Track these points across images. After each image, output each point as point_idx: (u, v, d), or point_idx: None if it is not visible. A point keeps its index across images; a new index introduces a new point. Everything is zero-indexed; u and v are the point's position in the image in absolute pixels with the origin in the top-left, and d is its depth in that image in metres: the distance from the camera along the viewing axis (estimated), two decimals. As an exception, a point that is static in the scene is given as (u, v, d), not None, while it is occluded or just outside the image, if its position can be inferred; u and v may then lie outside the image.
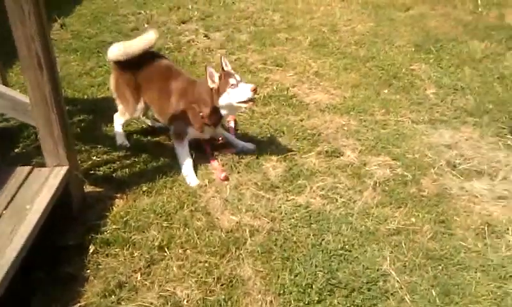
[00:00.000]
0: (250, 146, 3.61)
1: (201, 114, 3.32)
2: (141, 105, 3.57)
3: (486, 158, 3.55)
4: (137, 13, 6.39)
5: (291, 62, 5.14)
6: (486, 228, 2.87)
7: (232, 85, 3.18)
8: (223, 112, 3.33)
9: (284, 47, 5.52)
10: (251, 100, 3.21)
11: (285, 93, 4.51)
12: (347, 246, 2.74)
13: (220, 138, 3.63)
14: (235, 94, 3.20)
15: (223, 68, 3.31)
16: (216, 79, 3.23)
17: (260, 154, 3.57)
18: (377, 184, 3.27)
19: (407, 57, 5.27)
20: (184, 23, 6.14)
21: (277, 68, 5.02)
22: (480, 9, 6.49)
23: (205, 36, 5.79)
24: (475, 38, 5.65)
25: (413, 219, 2.95)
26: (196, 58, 5.22)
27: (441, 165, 3.48)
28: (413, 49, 5.46)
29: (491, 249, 2.73)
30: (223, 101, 3.24)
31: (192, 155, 3.37)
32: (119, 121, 3.66)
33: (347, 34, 5.89)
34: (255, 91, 3.15)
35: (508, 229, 2.86)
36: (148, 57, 3.52)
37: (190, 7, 6.59)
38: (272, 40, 5.66)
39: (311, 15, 6.45)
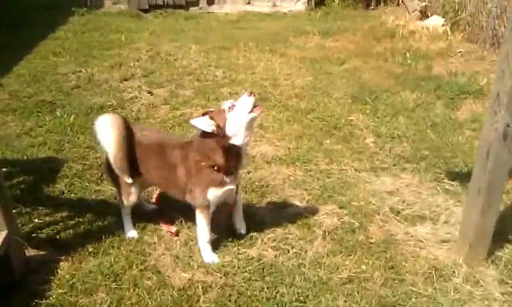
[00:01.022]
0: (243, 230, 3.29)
1: (215, 168, 2.86)
2: (135, 189, 3.15)
3: (427, 203, 3.70)
4: (77, 71, 6.36)
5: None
6: (433, 272, 2.94)
7: (229, 108, 2.73)
8: (238, 141, 2.77)
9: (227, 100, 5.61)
10: (256, 106, 2.75)
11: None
12: (301, 298, 2.73)
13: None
14: (239, 111, 2.72)
15: (204, 113, 2.86)
16: (208, 122, 2.74)
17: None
18: (327, 233, 3.32)
19: (345, 108, 5.49)
20: (126, 80, 6.16)
21: (222, 122, 5.07)
22: (409, 62, 6.94)
23: (149, 92, 5.81)
24: (406, 89, 6.00)
25: (363, 267, 2.99)
26: (140, 114, 5.22)
27: (386, 211, 3.59)
28: (350, 100, 5.70)
29: (440, 293, 2.80)
30: (230, 129, 2.73)
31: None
32: (123, 211, 3.26)
33: (288, 87, 6.10)
34: (252, 94, 2.74)
35: (454, 272, 2.95)
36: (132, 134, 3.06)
37: (132, 64, 6.64)
38: (216, 95, 5.76)
39: (252, 70, 6.65)
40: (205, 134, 2.80)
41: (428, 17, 8.77)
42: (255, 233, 3.29)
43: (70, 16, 9.12)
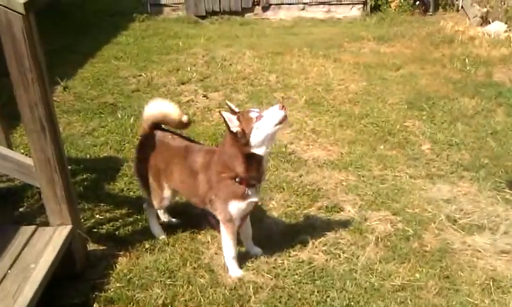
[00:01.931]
0: (257, 249, 3.22)
1: (237, 179, 2.79)
2: (167, 193, 3.17)
3: (486, 212, 3.59)
4: (137, 75, 6.58)
5: (288, 120, 5.24)
6: (491, 283, 2.86)
7: (256, 117, 2.66)
8: (260, 151, 2.72)
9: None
10: (284, 118, 2.69)
11: (283, 149, 4.59)
12: (352, 303, 2.73)
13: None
14: (266, 122, 2.66)
15: (233, 111, 2.79)
16: (236, 122, 2.69)
17: (261, 210, 3.60)
18: (379, 239, 3.29)
19: (400, 114, 5.40)
20: (183, 84, 6.31)
21: (275, 126, 5.12)
22: (468, 68, 6.71)
23: (204, 96, 5.94)
24: (465, 95, 5.82)
25: (417, 275, 2.95)
26: (195, 117, 5.34)
27: (442, 219, 3.51)
28: (406, 107, 5.60)
29: (498, 305, 2.72)
30: (255, 138, 2.67)
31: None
32: (149, 212, 3.33)
33: (341, 93, 6.05)
34: (283, 108, 2.68)
35: (514, 284, 2.86)
36: (161, 137, 3.15)
37: (189, 69, 6.79)
38: (269, 99, 5.80)
39: (305, 75, 6.65)
40: (228, 141, 2.78)
41: (489, 23, 8.44)
42: (306, 236, 3.30)
43: (131, 22, 9.44)
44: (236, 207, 2.84)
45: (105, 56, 7.42)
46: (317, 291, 2.81)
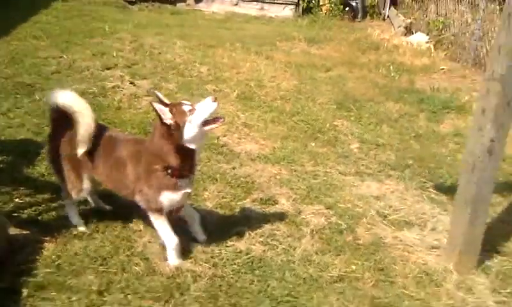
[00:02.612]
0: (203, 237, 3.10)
1: (169, 170, 2.70)
2: (86, 184, 2.97)
3: (413, 209, 3.71)
4: (58, 56, 6.17)
5: (220, 113, 5.07)
6: (424, 277, 2.94)
7: (190, 110, 2.60)
8: (193, 145, 2.67)
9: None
10: (217, 118, 2.68)
11: (216, 141, 4.49)
12: (293, 293, 2.68)
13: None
14: (199, 116, 2.60)
15: (163, 102, 2.67)
16: (169, 114, 2.60)
17: (195, 200, 3.47)
18: (314, 232, 3.29)
19: (329, 114, 5.50)
20: (108, 69, 6.02)
21: (206, 117, 5.00)
22: (392, 74, 7.04)
23: (131, 83, 5.69)
24: (390, 100, 6.07)
25: (353, 267, 2.96)
26: (121, 104, 5.10)
27: (372, 215, 3.58)
28: (335, 107, 5.72)
29: (433, 298, 2.79)
30: (188, 133, 2.61)
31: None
32: (67, 203, 3.07)
33: (273, 89, 6.07)
34: (216, 100, 2.63)
35: (445, 278, 2.94)
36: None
37: (115, 54, 6.50)
38: (200, 91, 5.68)
39: (237, 69, 6.60)
40: (159, 133, 2.68)
41: (413, 33, 8.94)
42: (242, 227, 3.23)
43: (53, 1, 8.86)
44: (168, 198, 2.74)
45: (22, 34, 6.90)
46: (257, 281, 2.74)
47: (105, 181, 2.99)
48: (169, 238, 2.80)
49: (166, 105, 2.65)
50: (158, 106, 2.60)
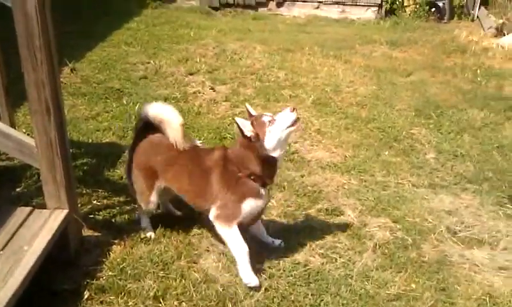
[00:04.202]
0: (277, 242, 3.21)
1: (252, 177, 2.82)
2: (154, 198, 3.09)
3: (487, 227, 3.54)
4: (146, 62, 6.55)
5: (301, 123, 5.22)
6: (487, 299, 2.82)
7: (269, 121, 2.75)
8: (275, 153, 2.78)
9: (287, 103, 5.60)
10: (296, 121, 2.77)
11: (287, 148, 4.54)
12: (346, 309, 2.70)
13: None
14: (279, 126, 2.74)
15: (250, 114, 2.90)
16: (249, 127, 2.76)
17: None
18: (377, 246, 3.25)
19: (407, 121, 5.35)
20: (191, 74, 6.29)
21: (280, 123, 5.08)
22: (479, 79, 6.65)
23: (211, 88, 5.91)
24: (474, 107, 5.76)
25: (413, 285, 2.90)
26: (201, 109, 5.32)
27: (442, 231, 3.47)
28: (414, 113, 5.55)
29: (493, 322, 2.69)
30: (269, 142, 2.74)
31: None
32: (140, 212, 3.24)
33: (349, 95, 6.01)
34: (294, 109, 2.75)
35: (510, 301, 2.81)
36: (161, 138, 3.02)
37: (198, 60, 6.76)
38: (277, 96, 5.78)
39: (315, 74, 6.61)
40: (242, 144, 2.83)
41: (504, 35, 8.36)
42: (303, 238, 3.28)
43: (144, 8, 9.41)
44: (250, 205, 2.84)
45: (116, 41, 7.39)
46: (311, 295, 2.77)
47: (182, 191, 3.05)
48: (241, 250, 2.79)
49: (251, 116, 2.87)
50: (239, 120, 2.77)
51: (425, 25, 9.52)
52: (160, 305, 2.63)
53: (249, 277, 2.77)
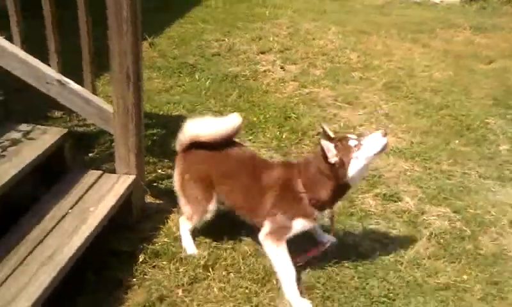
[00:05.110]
0: (332, 239, 2.98)
1: (313, 201, 2.61)
2: (213, 206, 2.87)
3: (554, 223, 3.36)
4: (220, 39, 6.69)
5: (362, 102, 5.16)
6: (542, 297, 2.71)
7: (355, 146, 2.49)
8: (354, 181, 2.61)
9: (357, 85, 5.55)
10: (385, 146, 2.52)
11: (352, 130, 4.52)
12: (391, 294, 2.69)
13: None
14: (367, 152, 2.49)
15: (329, 137, 2.62)
16: (334, 151, 2.48)
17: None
18: (433, 235, 3.19)
19: (483, 110, 5.11)
20: (262, 53, 6.35)
21: (347, 105, 5.06)
22: None
23: (281, 67, 5.95)
24: (560, 100, 5.37)
25: (465, 276, 2.85)
26: (269, 88, 5.39)
27: (504, 224, 3.34)
28: (491, 103, 5.28)
29: (543, 319, 2.58)
30: (353, 170, 2.49)
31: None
32: (186, 226, 2.97)
33: (424, 80, 5.82)
34: (386, 134, 2.50)
35: None
36: (223, 146, 2.84)
37: (271, 39, 6.81)
38: (346, 78, 5.71)
39: (389, 57, 6.44)
40: (320, 167, 2.56)
41: None
42: (356, 221, 3.29)
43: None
44: (301, 225, 2.67)
45: (193, 18, 7.60)
46: (358, 277, 2.79)
47: (235, 205, 2.87)
48: (288, 273, 2.61)
49: (330, 139, 2.57)
50: (325, 143, 2.49)
51: (515, 9, 8.91)
52: (209, 274, 2.75)
53: (297, 302, 2.58)
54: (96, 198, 2.82)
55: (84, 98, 3.03)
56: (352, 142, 2.51)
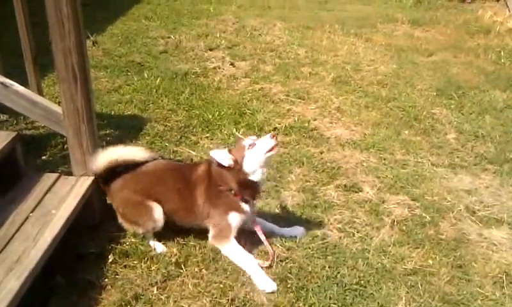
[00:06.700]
0: (298, 230, 3.10)
1: (232, 191, 2.84)
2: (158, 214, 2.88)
3: (506, 207, 3.54)
4: (166, 37, 6.57)
5: (313, 96, 5.22)
6: (504, 277, 2.84)
7: (250, 145, 2.77)
8: (255, 176, 2.80)
9: (307, 81, 5.60)
10: (274, 146, 2.77)
11: (306, 125, 4.56)
12: (362, 281, 2.74)
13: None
14: (257, 151, 2.76)
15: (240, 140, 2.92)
16: (226, 156, 2.78)
17: (279, 182, 3.62)
18: (395, 223, 3.28)
19: (428, 101, 5.31)
20: (211, 50, 6.30)
21: (299, 100, 5.10)
22: (502, 60, 6.54)
23: (231, 64, 5.91)
24: (497, 88, 5.68)
25: (430, 261, 2.93)
26: (221, 84, 5.34)
27: (460, 210, 3.47)
28: (435, 94, 5.50)
29: (509, 299, 2.70)
30: (248, 166, 2.77)
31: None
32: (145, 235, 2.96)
33: (370, 73, 5.97)
34: (274, 137, 2.76)
35: (528, 280, 2.83)
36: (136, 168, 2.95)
37: (218, 35, 6.76)
38: (296, 74, 5.76)
39: (335, 52, 6.56)
40: (223, 166, 2.80)
41: (530, 15, 8.21)
42: (321, 213, 3.31)
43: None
44: (236, 218, 2.84)
45: (136, 15, 7.43)
46: (328, 267, 2.82)
47: (173, 211, 2.91)
48: (247, 260, 2.77)
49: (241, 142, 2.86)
50: (215, 153, 2.80)
51: (449, 4, 9.36)
52: (182, 271, 2.72)
53: (264, 283, 2.67)
54: (57, 200, 2.70)
55: (30, 100, 2.91)
56: (246, 142, 2.81)
